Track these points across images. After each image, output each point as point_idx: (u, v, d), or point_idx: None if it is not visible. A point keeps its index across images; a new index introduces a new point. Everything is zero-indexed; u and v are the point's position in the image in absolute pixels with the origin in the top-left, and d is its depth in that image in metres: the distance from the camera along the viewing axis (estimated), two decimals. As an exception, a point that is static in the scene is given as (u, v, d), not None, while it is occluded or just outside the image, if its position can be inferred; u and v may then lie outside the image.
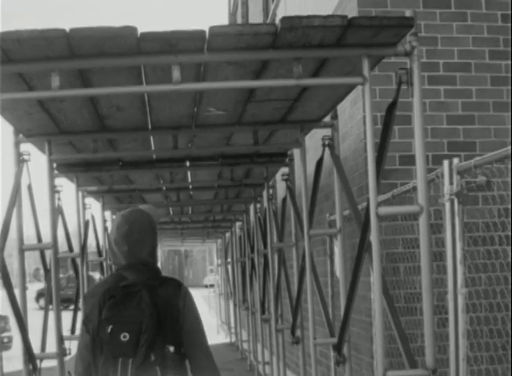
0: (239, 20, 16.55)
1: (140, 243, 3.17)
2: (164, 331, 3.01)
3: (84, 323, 3.11)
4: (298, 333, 6.17)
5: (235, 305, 15.39)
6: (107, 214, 9.95)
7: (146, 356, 2.95)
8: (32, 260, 56.45)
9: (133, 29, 3.17)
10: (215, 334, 19.26)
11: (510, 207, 3.95)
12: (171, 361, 3.01)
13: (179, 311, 3.09)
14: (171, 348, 3.01)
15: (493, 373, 4.83)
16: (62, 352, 4.96)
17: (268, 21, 11.87)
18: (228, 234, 16.16)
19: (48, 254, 5.30)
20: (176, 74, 3.39)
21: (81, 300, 7.17)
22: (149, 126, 5.12)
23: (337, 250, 5.63)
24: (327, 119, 5.16)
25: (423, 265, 3.40)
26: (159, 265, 3.46)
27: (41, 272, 43.35)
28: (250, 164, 6.54)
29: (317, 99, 4.59)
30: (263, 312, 8.95)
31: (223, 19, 68.16)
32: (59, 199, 6.66)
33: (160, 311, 3.02)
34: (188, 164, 6.45)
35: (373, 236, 3.47)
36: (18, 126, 4.80)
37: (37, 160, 6.10)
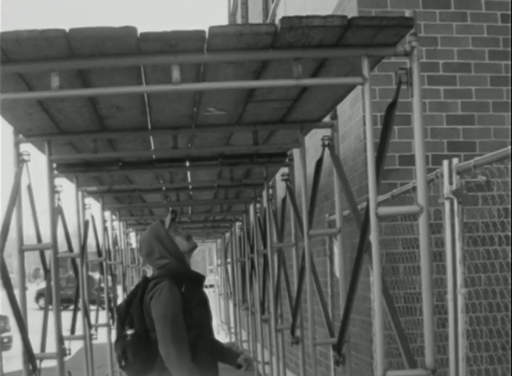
0: (239, 20, 16.55)
1: (149, 254, 4.17)
2: (131, 318, 3.99)
3: None
4: (298, 333, 6.17)
5: (234, 305, 15.38)
6: (107, 214, 9.95)
7: (120, 333, 4.04)
8: (32, 260, 56.45)
9: (133, 29, 3.17)
10: (215, 333, 19.24)
11: (509, 207, 3.95)
12: (130, 341, 3.95)
13: (146, 304, 3.97)
14: (129, 332, 3.97)
15: (493, 373, 4.83)
16: (62, 353, 4.95)
17: (267, 21, 11.87)
18: (227, 234, 16.15)
19: (48, 254, 5.29)
20: (176, 74, 3.39)
21: (80, 300, 7.17)
22: (149, 126, 5.12)
23: (336, 250, 5.63)
24: (327, 119, 5.16)
25: (422, 265, 3.40)
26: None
27: (41, 272, 43.36)
28: (249, 164, 6.54)
29: (317, 99, 4.59)
30: (263, 312, 8.94)
31: (223, 20, 68.14)
32: (58, 199, 6.65)
33: (133, 303, 4.01)
34: (188, 164, 6.44)
35: (373, 237, 3.47)
36: (18, 126, 4.80)
37: (37, 160, 6.10)
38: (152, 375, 4.02)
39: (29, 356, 4.71)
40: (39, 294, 33.52)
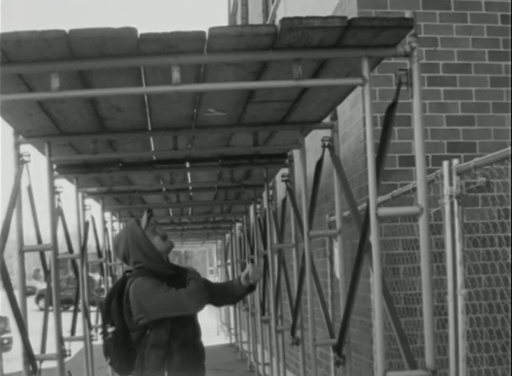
0: (239, 21, 16.56)
1: (126, 256, 4.20)
2: (111, 316, 4.12)
3: None
4: (298, 334, 6.17)
5: (235, 306, 15.38)
6: (107, 215, 9.95)
7: (103, 330, 4.19)
8: (32, 261, 56.43)
9: (133, 30, 3.17)
10: (215, 335, 19.25)
11: (509, 208, 3.95)
12: (110, 339, 4.11)
13: (124, 304, 4.06)
14: (110, 329, 4.11)
15: (493, 374, 4.83)
16: (62, 354, 4.95)
17: (267, 22, 11.88)
18: (228, 235, 16.16)
19: (48, 255, 5.29)
20: (176, 75, 3.39)
21: (80, 301, 7.17)
22: (149, 127, 5.12)
23: (336, 251, 5.63)
24: (327, 120, 5.16)
25: (422, 266, 3.40)
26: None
27: (41, 273, 43.35)
28: (249, 165, 6.54)
29: (317, 100, 4.59)
30: (263, 313, 8.94)
31: (223, 21, 68.14)
32: (58, 200, 6.65)
33: (113, 301, 4.12)
34: (188, 165, 6.44)
35: (373, 237, 3.47)
36: (18, 127, 4.80)
37: (37, 161, 6.10)
38: (133, 374, 4.14)
39: (29, 357, 4.71)
40: (39, 295, 33.49)
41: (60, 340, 4.95)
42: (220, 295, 4.33)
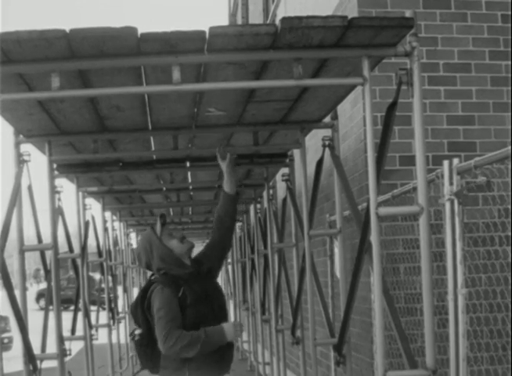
0: (240, 21, 16.55)
1: (148, 264, 4.25)
2: (138, 319, 4.21)
3: None
4: (298, 333, 6.17)
5: (235, 305, 15.37)
6: (107, 214, 9.95)
7: (132, 332, 4.30)
8: (32, 260, 56.47)
9: (133, 29, 3.17)
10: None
11: (510, 207, 3.95)
12: (137, 341, 4.23)
13: (146, 306, 4.14)
14: (137, 331, 4.22)
15: (493, 373, 4.83)
16: (62, 353, 4.95)
17: (268, 22, 11.87)
18: (228, 235, 16.12)
19: (49, 254, 5.29)
20: (176, 74, 3.39)
21: (81, 300, 7.17)
22: (150, 127, 5.12)
23: (337, 250, 5.63)
24: (327, 119, 5.16)
25: (423, 265, 3.40)
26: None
27: (42, 272, 43.39)
28: (250, 165, 6.53)
29: (317, 100, 4.59)
30: (263, 312, 8.94)
31: (223, 20, 68.13)
32: (59, 199, 6.65)
33: (138, 305, 4.20)
34: (188, 164, 6.44)
35: (373, 237, 3.47)
36: (18, 127, 4.80)
37: (38, 160, 6.09)
38: (160, 373, 4.28)
39: (29, 356, 4.71)
40: (39, 295, 33.52)
41: (60, 339, 4.96)
42: (219, 233, 4.52)
